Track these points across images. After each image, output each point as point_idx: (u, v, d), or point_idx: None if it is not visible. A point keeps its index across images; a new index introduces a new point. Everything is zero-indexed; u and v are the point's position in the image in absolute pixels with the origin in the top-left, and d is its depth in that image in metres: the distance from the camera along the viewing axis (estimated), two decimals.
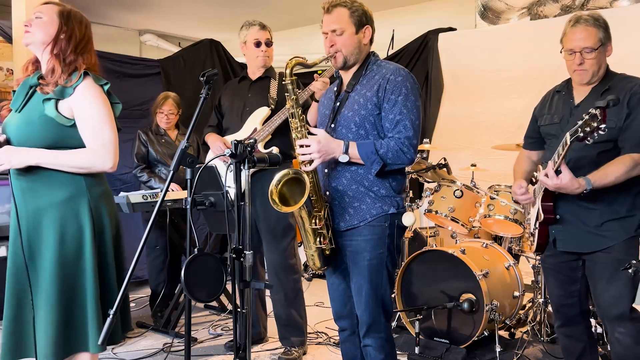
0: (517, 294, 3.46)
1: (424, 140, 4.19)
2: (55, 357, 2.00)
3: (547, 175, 2.12)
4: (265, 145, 3.23)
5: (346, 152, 2.15)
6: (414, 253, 3.47)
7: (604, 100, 1.89)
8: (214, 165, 3.11)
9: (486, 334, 3.27)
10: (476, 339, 3.22)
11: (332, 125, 2.28)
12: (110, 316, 1.71)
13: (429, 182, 4.05)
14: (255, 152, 1.98)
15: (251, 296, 1.98)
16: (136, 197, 3.44)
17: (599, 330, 3.10)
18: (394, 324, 3.59)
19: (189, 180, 1.95)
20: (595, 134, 1.89)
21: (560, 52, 2.31)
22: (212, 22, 6.86)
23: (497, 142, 4.26)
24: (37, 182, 2.05)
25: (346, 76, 2.34)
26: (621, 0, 4.84)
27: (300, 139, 2.20)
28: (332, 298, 2.42)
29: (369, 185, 2.22)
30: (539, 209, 2.34)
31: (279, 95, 3.26)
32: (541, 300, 3.46)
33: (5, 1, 4.62)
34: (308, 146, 2.15)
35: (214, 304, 4.29)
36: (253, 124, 3.26)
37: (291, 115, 2.24)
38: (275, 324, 3.42)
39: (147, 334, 3.78)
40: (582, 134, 1.92)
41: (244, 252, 1.90)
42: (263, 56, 3.33)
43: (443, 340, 3.32)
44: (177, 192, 3.74)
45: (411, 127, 2.16)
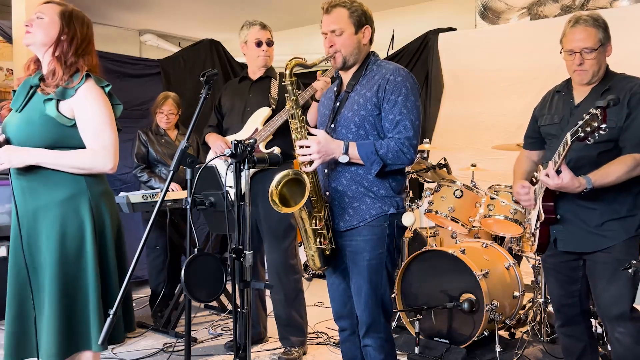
0: (517, 294, 3.46)
1: (424, 140, 4.19)
2: (58, 356, 2.00)
3: (548, 175, 2.12)
4: (267, 146, 3.22)
5: (346, 152, 2.15)
6: (414, 253, 3.47)
7: (605, 100, 1.89)
8: (214, 165, 3.11)
9: (486, 334, 3.27)
10: (476, 339, 3.22)
11: (332, 125, 2.28)
12: (110, 316, 1.71)
13: (429, 182, 4.05)
14: (256, 152, 1.98)
15: (251, 296, 1.98)
16: (136, 197, 3.44)
17: (599, 330, 3.10)
18: (394, 324, 3.59)
19: (189, 180, 1.95)
20: (596, 134, 1.89)
21: (560, 53, 2.31)
22: (212, 22, 6.86)
23: (497, 142, 4.26)
24: (37, 182, 2.05)
25: (346, 76, 2.34)
26: (621, 0, 4.84)
27: (300, 139, 2.20)
28: (332, 298, 2.42)
29: (368, 185, 2.21)
30: (539, 209, 2.34)
31: (280, 95, 3.25)
32: (541, 300, 3.46)
33: (5, 1, 4.62)
34: (308, 147, 2.15)
35: (214, 304, 4.28)
36: (254, 124, 3.26)
37: (291, 116, 2.24)
38: (275, 324, 3.42)
39: (147, 334, 3.77)
40: (582, 134, 1.92)
41: (244, 252, 1.90)
42: (264, 56, 3.32)
43: (443, 340, 3.32)
44: (177, 192, 3.74)
45: (411, 128, 2.16)
